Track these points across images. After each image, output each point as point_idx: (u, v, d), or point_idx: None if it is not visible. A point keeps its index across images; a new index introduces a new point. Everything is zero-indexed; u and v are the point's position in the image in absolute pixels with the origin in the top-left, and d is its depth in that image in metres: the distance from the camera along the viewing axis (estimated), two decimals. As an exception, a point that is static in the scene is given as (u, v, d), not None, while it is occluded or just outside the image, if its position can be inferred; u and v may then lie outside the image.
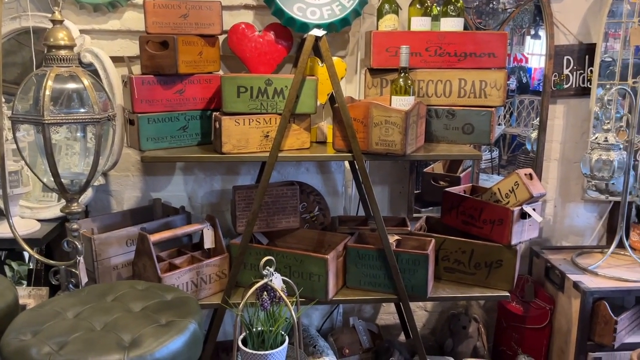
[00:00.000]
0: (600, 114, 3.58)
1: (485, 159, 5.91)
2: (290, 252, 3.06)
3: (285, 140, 2.96)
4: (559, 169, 3.89)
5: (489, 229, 3.14)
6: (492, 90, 2.88)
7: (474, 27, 3.54)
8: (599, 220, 3.94)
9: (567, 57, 3.70)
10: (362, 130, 2.85)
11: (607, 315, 3.19)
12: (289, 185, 3.24)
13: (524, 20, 4.19)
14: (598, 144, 3.35)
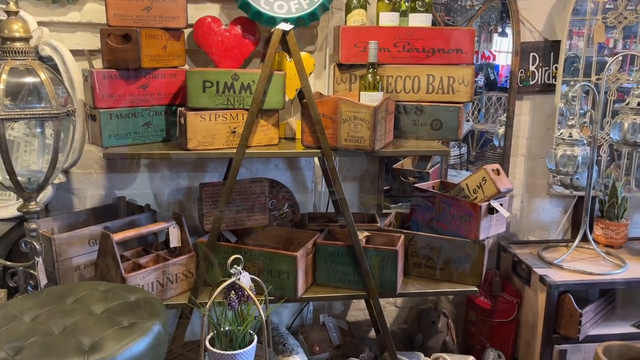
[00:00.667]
0: (564, 110, 3.64)
1: (454, 155, 5.95)
2: (258, 250, 3.01)
3: (253, 137, 2.91)
4: (526, 165, 3.94)
5: (458, 225, 3.15)
6: (460, 87, 2.88)
7: (442, 23, 3.54)
8: (564, 215, 4.01)
9: (532, 54, 3.74)
10: (330, 127, 2.82)
11: (572, 308, 3.25)
12: (258, 182, 3.19)
13: (492, 18, 4.23)
14: (563, 140, 3.40)
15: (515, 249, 3.87)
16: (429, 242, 3.20)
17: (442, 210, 3.22)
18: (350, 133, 2.73)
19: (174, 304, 2.96)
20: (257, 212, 3.17)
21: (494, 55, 5.81)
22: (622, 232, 3.71)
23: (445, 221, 3.20)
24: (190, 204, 3.62)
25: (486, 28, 5.89)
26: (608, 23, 3.59)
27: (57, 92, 2.53)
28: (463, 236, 3.13)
